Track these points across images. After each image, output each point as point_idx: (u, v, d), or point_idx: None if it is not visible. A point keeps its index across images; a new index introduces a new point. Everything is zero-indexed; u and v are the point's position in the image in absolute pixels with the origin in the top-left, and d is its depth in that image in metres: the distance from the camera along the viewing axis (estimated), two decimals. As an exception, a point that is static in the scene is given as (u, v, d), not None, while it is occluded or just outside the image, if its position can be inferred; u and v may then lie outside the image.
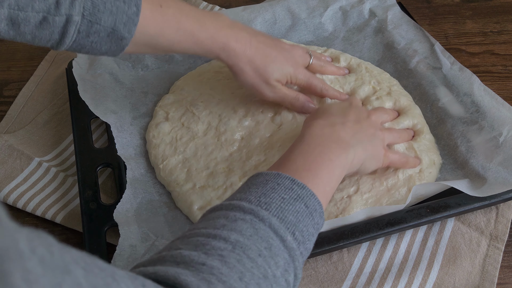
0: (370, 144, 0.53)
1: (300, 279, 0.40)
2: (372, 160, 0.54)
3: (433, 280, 0.53)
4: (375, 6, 0.81)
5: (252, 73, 0.60)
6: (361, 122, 0.55)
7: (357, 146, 0.51)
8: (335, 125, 0.52)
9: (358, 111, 0.57)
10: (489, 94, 0.65)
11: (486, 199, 0.55)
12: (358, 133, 0.53)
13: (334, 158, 0.48)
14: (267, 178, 0.44)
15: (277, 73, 0.61)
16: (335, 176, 0.48)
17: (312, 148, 0.48)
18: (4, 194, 0.62)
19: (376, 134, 0.55)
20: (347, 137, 0.51)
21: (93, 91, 0.68)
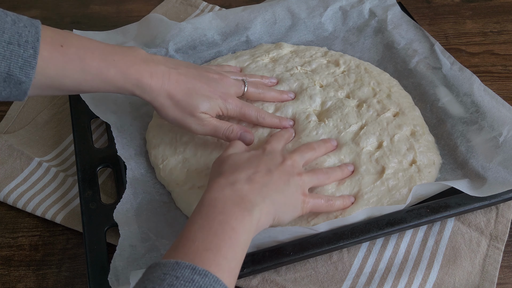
0: (281, 194, 0.50)
1: None
2: (286, 211, 0.51)
3: (433, 280, 0.53)
4: (375, 6, 0.81)
5: (173, 108, 0.56)
6: (272, 171, 0.51)
7: (263, 203, 0.47)
8: (236, 183, 0.48)
9: (271, 158, 0.53)
10: (489, 94, 0.65)
11: (486, 199, 0.55)
12: (267, 185, 0.49)
13: (237, 226, 0.44)
14: (164, 271, 0.39)
15: (203, 105, 0.57)
16: (240, 246, 0.44)
17: (211, 219, 0.44)
18: (4, 194, 0.62)
19: (291, 180, 0.52)
20: (251, 194, 0.47)
21: (93, 91, 0.68)
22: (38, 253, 0.58)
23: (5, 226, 0.61)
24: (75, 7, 0.94)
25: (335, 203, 0.55)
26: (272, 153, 0.55)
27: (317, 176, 0.56)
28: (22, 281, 0.56)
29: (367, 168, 0.59)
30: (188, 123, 0.58)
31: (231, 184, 0.48)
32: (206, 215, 0.45)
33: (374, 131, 0.63)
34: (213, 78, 0.60)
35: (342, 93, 0.69)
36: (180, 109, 0.57)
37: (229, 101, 0.60)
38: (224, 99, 0.59)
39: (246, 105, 0.61)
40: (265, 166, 0.51)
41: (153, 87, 0.55)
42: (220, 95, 0.59)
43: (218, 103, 0.59)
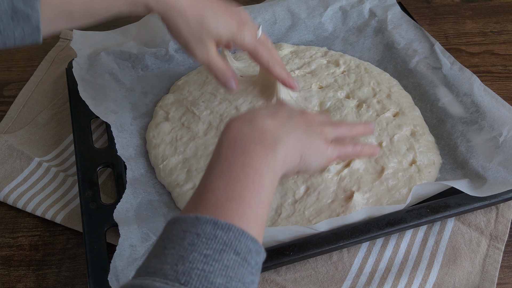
0: (306, 134, 0.47)
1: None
2: (313, 154, 0.47)
3: (433, 280, 0.53)
4: (375, 6, 0.81)
5: (185, 27, 0.53)
6: (293, 116, 0.48)
7: (288, 137, 0.44)
8: (256, 118, 0.44)
9: (290, 108, 0.50)
10: (489, 94, 0.65)
11: (486, 199, 0.55)
12: (288, 123, 0.46)
13: (261, 166, 0.41)
14: (184, 228, 0.36)
15: (216, 28, 0.53)
16: (266, 189, 0.40)
17: (232, 163, 0.40)
18: (4, 194, 0.62)
19: (313, 127, 0.49)
20: (274, 128, 0.44)
21: (93, 91, 0.68)
22: (38, 253, 0.58)
23: (5, 226, 0.61)
24: (75, 7, 0.94)
25: (364, 148, 0.53)
26: (291, 108, 0.51)
27: (339, 128, 0.52)
28: (22, 281, 0.56)
29: (366, 168, 0.59)
30: (194, 47, 0.54)
31: (250, 120, 0.44)
32: (225, 158, 0.41)
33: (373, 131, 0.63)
34: (232, 5, 0.56)
35: (342, 93, 0.69)
36: (191, 31, 0.53)
37: (246, 31, 0.56)
38: (240, 25, 0.55)
39: (261, 44, 0.57)
40: (285, 112, 0.48)
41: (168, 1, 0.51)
42: (238, 21, 0.55)
43: (233, 27, 0.55)
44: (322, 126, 0.50)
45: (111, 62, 0.73)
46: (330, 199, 0.57)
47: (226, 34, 0.54)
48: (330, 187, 0.57)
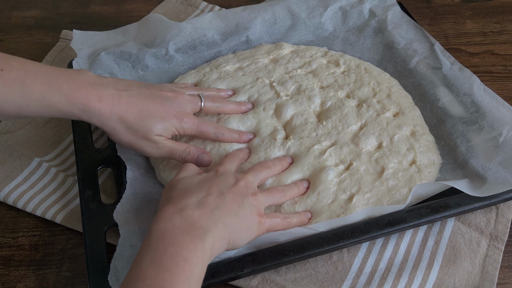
0: (235, 217, 0.48)
1: None
2: (241, 234, 0.49)
3: (433, 280, 0.53)
4: (375, 6, 0.81)
5: (126, 132, 0.55)
6: (224, 194, 0.49)
7: (216, 227, 0.45)
8: (185, 209, 0.46)
9: (223, 179, 0.51)
10: (489, 94, 0.65)
11: (486, 199, 0.55)
12: (219, 208, 0.47)
13: (190, 256, 0.42)
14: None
15: (157, 127, 0.55)
16: (195, 277, 0.42)
17: (162, 252, 0.42)
18: (4, 194, 0.62)
19: (245, 202, 0.50)
20: (202, 220, 0.45)
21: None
22: (38, 253, 0.58)
23: (5, 226, 0.61)
24: (75, 7, 0.94)
25: (292, 220, 0.54)
26: (225, 174, 0.53)
27: (272, 194, 0.54)
28: (22, 281, 0.56)
29: (367, 168, 0.59)
30: (142, 146, 0.56)
31: (180, 211, 0.46)
32: (156, 248, 0.42)
33: (373, 131, 0.63)
34: (167, 96, 0.58)
35: (342, 93, 0.69)
36: (133, 133, 0.55)
37: (185, 120, 0.58)
38: (179, 119, 0.57)
39: (203, 122, 0.59)
40: (217, 189, 0.49)
41: (102, 111, 0.53)
42: (175, 115, 0.57)
43: (173, 123, 0.57)
44: (255, 196, 0.51)
45: (111, 62, 0.73)
46: (330, 199, 0.57)
47: (169, 131, 0.57)
48: (330, 188, 0.57)
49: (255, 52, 0.75)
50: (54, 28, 0.88)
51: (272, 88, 0.69)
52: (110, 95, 0.53)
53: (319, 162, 0.59)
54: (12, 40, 0.87)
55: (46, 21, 0.91)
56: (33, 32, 0.88)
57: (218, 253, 0.46)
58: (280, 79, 0.70)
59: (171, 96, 0.58)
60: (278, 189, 0.55)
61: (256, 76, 0.71)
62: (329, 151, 0.61)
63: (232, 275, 0.50)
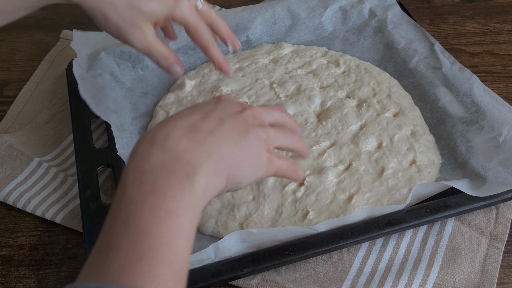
0: (235, 147, 0.38)
1: None
2: (245, 170, 0.39)
3: (433, 280, 0.53)
4: (375, 6, 0.81)
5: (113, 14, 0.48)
6: (223, 120, 0.39)
7: (209, 159, 0.36)
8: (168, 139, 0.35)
9: (226, 105, 0.41)
10: (489, 94, 0.65)
11: (486, 199, 0.55)
12: (213, 134, 0.37)
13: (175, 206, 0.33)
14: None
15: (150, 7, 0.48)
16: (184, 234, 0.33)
17: (139, 207, 0.32)
18: (4, 194, 0.62)
19: (251, 131, 0.40)
20: (191, 152, 0.35)
21: (93, 91, 0.68)
22: (38, 253, 0.58)
23: (5, 226, 0.61)
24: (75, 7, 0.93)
25: (297, 170, 0.46)
26: (229, 101, 0.42)
27: (285, 134, 0.44)
28: (22, 281, 0.56)
29: (366, 168, 0.59)
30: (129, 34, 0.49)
31: (162, 142, 0.35)
32: (131, 200, 0.33)
33: (373, 131, 0.63)
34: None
35: (342, 93, 0.69)
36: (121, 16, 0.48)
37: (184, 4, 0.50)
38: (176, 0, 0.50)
39: (201, 21, 0.52)
40: (215, 114, 0.39)
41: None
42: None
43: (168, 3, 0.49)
44: (263, 130, 0.41)
45: (111, 62, 0.73)
46: (329, 199, 0.57)
47: (162, 12, 0.49)
48: (329, 189, 0.57)
49: (255, 52, 0.75)
50: (54, 28, 0.88)
51: (272, 89, 0.69)
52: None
53: (318, 163, 0.59)
54: (12, 40, 0.87)
55: (46, 21, 0.91)
56: (33, 32, 0.88)
57: (215, 195, 0.37)
58: (280, 79, 0.70)
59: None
60: (291, 131, 0.45)
61: (255, 77, 0.71)
62: (328, 152, 0.61)
63: (232, 275, 0.50)
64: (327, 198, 0.57)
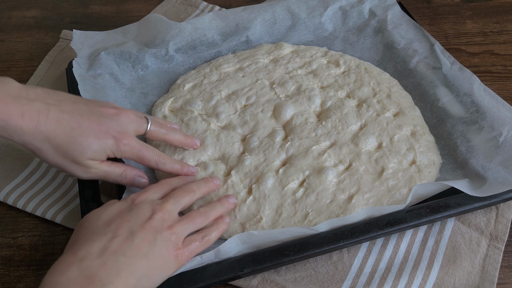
0: (144, 260, 0.44)
1: None
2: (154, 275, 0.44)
3: (433, 280, 0.53)
4: (375, 6, 0.81)
5: (53, 153, 0.49)
6: (134, 234, 0.44)
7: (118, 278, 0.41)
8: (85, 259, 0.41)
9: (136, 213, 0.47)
10: (489, 94, 0.65)
11: (486, 199, 0.55)
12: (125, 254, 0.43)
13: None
14: None
15: (88, 150, 0.49)
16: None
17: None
18: (4, 194, 0.62)
19: (159, 238, 0.45)
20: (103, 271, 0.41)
21: (93, 91, 0.68)
22: (38, 253, 0.58)
23: (5, 226, 0.61)
24: (75, 7, 0.94)
25: (211, 236, 0.50)
26: (140, 206, 0.48)
27: (193, 221, 0.50)
28: (22, 281, 0.56)
29: (366, 168, 0.59)
30: (72, 170, 0.51)
31: (79, 262, 0.41)
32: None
33: (373, 131, 0.63)
34: (107, 114, 0.52)
35: (342, 93, 0.69)
36: (61, 155, 0.49)
37: (124, 141, 0.51)
38: (117, 140, 0.51)
39: (145, 148, 0.54)
40: (126, 228, 0.45)
41: (24, 129, 0.46)
42: (114, 135, 0.51)
43: (109, 145, 0.51)
44: (171, 232, 0.47)
45: (111, 62, 0.73)
46: (328, 199, 0.57)
47: (103, 154, 0.51)
48: (328, 189, 0.58)
49: (255, 52, 0.75)
50: (54, 28, 0.88)
51: (272, 89, 0.69)
52: (36, 110, 0.47)
53: (318, 163, 0.59)
54: (12, 40, 0.87)
55: (46, 21, 0.91)
56: (33, 32, 0.88)
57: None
58: (280, 79, 0.70)
59: (112, 113, 0.52)
60: (199, 213, 0.51)
61: (256, 77, 0.71)
62: (328, 152, 0.61)
63: (232, 275, 0.50)
64: (327, 198, 0.57)
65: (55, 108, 0.48)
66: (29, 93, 0.48)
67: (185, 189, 0.52)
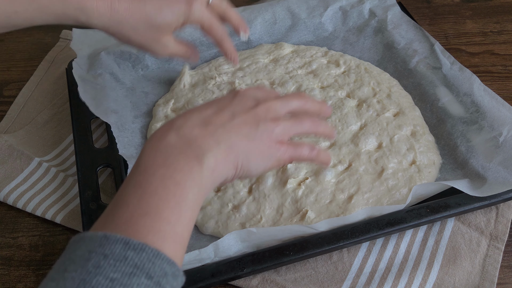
0: (245, 139, 0.42)
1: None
2: (255, 160, 0.43)
3: (433, 280, 0.53)
4: (375, 6, 0.81)
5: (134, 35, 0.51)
6: (235, 115, 0.42)
7: (218, 147, 0.40)
8: (183, 127, 0.40)
9: (240, 101, 0.44)
10: (489, 94, 0.65)
11: (486, 199, 0.55)
12: (224, 127, 0.41)
13: (183, 179, 0.36)
14: (90, 248, 0.32)
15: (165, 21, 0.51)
16: (188, 204, 0.36)
17: (151, 174, 0.36)
18: (4, 194, 0.62)
19: (261, 126, 0.43)
20: (202, 138, 0.39)
21: (94, 92, 0.68)
22: (38, 253, 0.58)
23: (5, 226, 0.61)
24: (75, 7, 0.94)
25: (320, 154, 0.48)
26: (244, 96, 0.45)
27: (302, 123, 0.46)
28: (22, 281, 0.56)
29: (366, 168, 0.59)
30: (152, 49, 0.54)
31: (178, 129, 0.40)
32: (145, 169, 0.37)
33: (373, 131, 0.63)
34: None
35: (342, 93, 0.69)
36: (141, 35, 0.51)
37: (195, 7, 0.53)
38: (188, 4, 0.53)
39: (214, 18, 0.55)
40: (229, 109, 0.43)
41: (101, 11, 0.48)
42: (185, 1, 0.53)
43: (181, 9, 0.52)
44: (274, 123, 0.44)
45: (111, 62, 0.73)
46: (328, 199, 0.57)
47: (178, 21, 0.52)
48: (328, 189, 0.58)
49: (255, 52, 0.75)
50: (54, 28, 0.88)
51: (272, 89, 0.69)
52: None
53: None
54: (12, 40, 0.87)
55: (46, 21, 0.91)
56: (33, 32, 0.88)
57: (223, 179, 0.41)
58: (280, 79, 0.70)
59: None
60: (311, 119, 0.47)
61: (256, 78, 0.71)
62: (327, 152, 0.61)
63: (232, 275, 0.50)
64: (327, 198, 0.57)
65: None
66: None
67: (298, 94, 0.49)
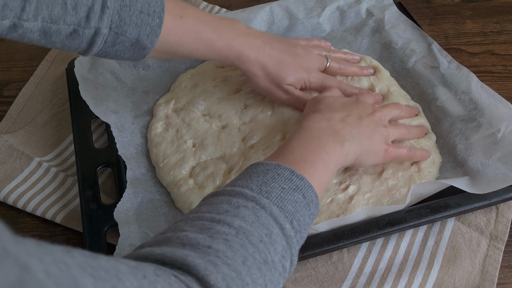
0: (367, 139, 0.54)
1: (295, 265, 0.42)
2: (369, 155, 0.55)
3: (433, 280, 0.53)
4: (372, 6, 0.81)
5: (264, 78, 0.62)
6: (362, 118, 0.56)
7: (352, 141, 0.52)
8: (331, 120, 0.54)
9: (362, 107, 0.58)
10: (486, 91, 0.65)
11: (486, 198, 0.55)
12: (356, 128, 0.54)
13: (330, 151, 0.50)
14: (267, 168, 0.45)
15: (290, 78, 0.63)
16: (330, 168, 0.49)
17: (309, 140, 0.50)
18: (4, 194, 0.62)
19: (377, 130, 0.56)
20: (343, 131, 0.53)
21: (94, 91, 0.68)
22: (38, 253, 0.58)
23: (5, 226, 0.61)
24: (75, 7, 0.94)
25: (416, 153, 0.60)
26: (364, 103, 0.59)
27: (400, 130, 0.60)
28: (22, 281, 0.56)
29: (366, 168, 0.59)
30: (275, 92, 0.64)
31: (327, 120, 0.54)
32: (305, 136, 0.51)
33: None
34: (299, 53, 0.65)
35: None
36: (269, 80, 0.63)
37: (312, 74, 0.65)
38: (308, 73, 0.65)
39: (327, 78, 0.66)
40: (357, 113, 0.56)
41: (250, 59, 0.60)
42: (305, 69, 0.65)
43: (303, 77, 0.64)
44: (386, 128, 0.57)
45: (112, 61, 0.73)
46: (328, 199, 0.57)
47: (298, 82, 0.64)
48: (328, 189, 0.57)
49: (255, 52, 0.75)
50: (54, 28, 0.88)
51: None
52: (257, 45, 0.61)
53: None
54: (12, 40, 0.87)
55: (46, 21, 0.91)
56: (33, 32, 0.88)
57: (347, 164, 0.54)
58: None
59: (302, 53, 0.65)
60: (405, 126, 0.62)
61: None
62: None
63: (232, 275, 0.50)
64: (327, 198, 0.57)
65: (268, 46, 0.62)
66: (251, 32, 0.62)
67: (396, 105, 0.63)
